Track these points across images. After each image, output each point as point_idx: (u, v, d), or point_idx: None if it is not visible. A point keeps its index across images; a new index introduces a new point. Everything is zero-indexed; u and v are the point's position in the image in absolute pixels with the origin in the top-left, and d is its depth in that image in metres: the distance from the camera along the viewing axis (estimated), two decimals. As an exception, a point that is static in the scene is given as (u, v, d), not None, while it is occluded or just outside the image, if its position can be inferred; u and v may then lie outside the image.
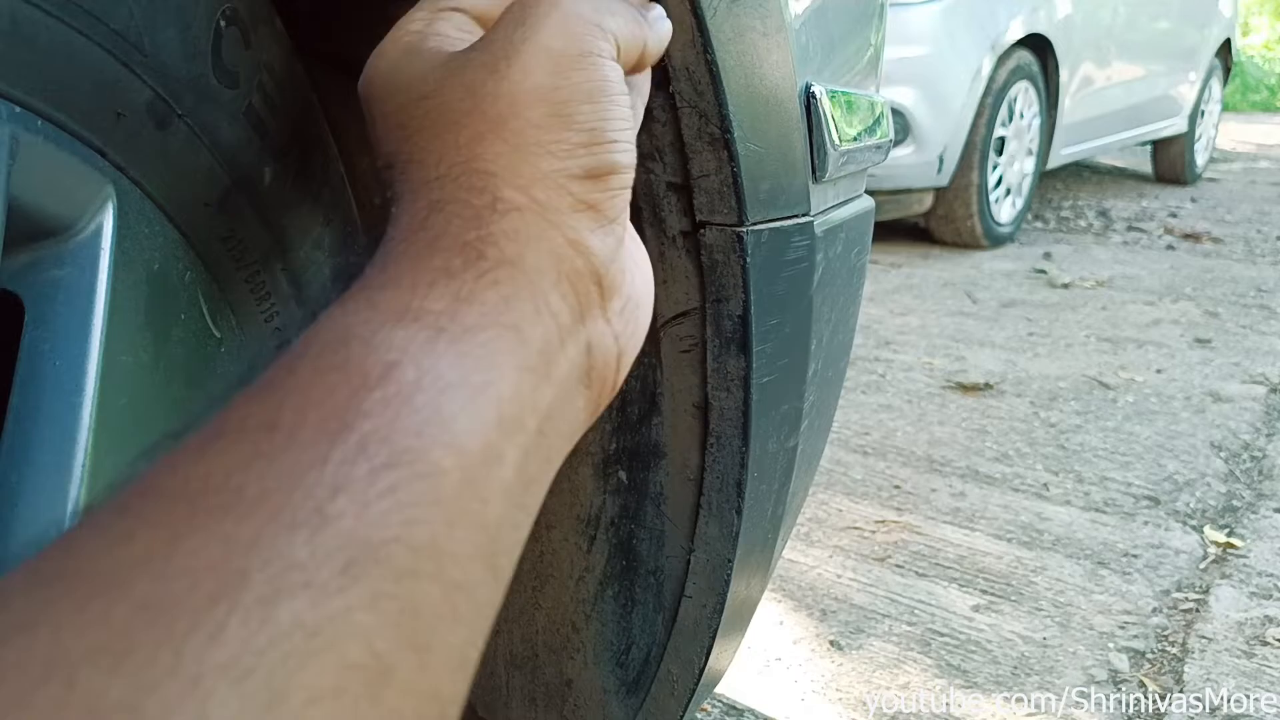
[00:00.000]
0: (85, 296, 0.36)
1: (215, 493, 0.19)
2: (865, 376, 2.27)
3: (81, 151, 0.35)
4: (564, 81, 0.29)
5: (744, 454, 0.52)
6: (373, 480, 0.20)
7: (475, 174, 0.28)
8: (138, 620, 0.17)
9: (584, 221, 0.29)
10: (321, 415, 0.20)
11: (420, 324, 0.23)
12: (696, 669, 0.60)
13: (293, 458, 0.20)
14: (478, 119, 0.28)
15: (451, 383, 0.22)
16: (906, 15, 3.21)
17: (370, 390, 0.21)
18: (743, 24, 0.43)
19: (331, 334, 0.23)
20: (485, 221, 0.27)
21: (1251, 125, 9.05)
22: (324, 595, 0.18)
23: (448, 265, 0.25)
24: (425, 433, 0.21)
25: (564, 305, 0.28)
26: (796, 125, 0.50)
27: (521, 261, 0.26)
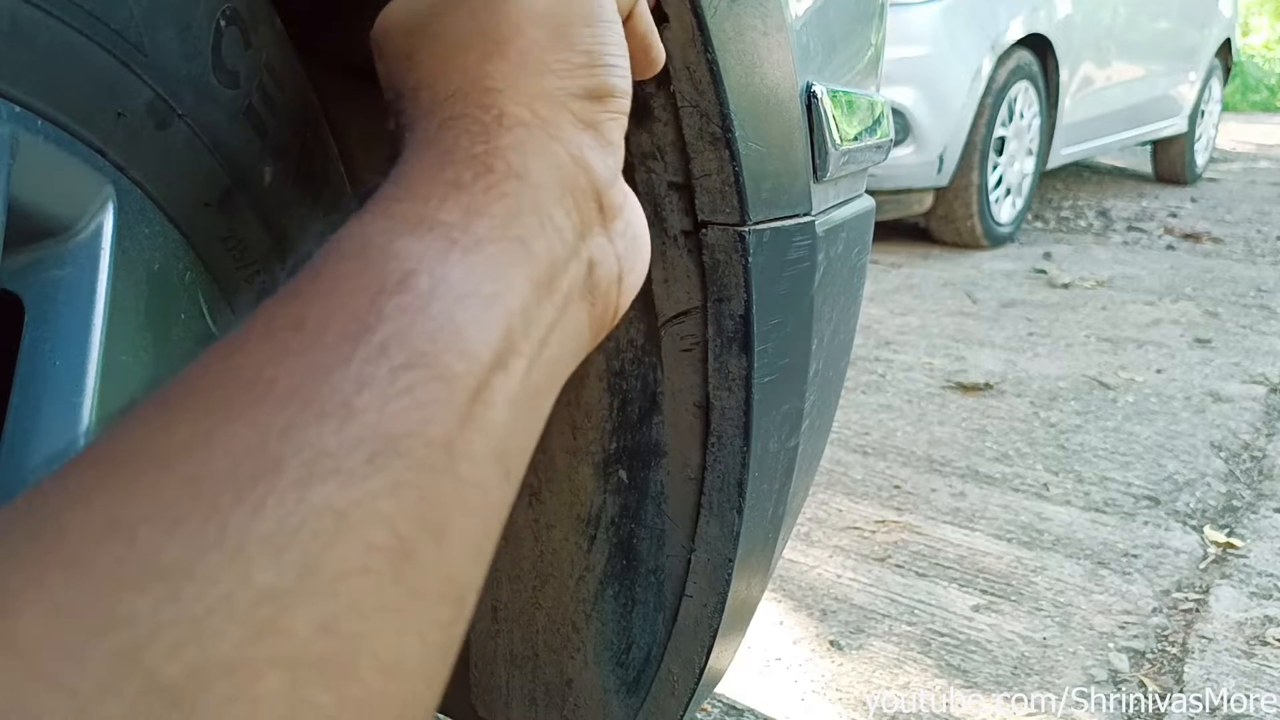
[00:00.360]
0: (85, 296, 0.36)
1: (249, 385, 0.20)
2: (865, 376, 2.27)
3: (81, 151, 0.35)
4: (563, 5, 0.30)
5: (745, 453, 0.52)
6: (393, 379, 0.21)
7: (483, 91, 0.29)
8: (186, 493, 0.18)
9: (585, 139, 0.30)
10: (345, 317, 0.22)
11: (434, 234, 0.24)
12: (697, 669, 0.60)
13: (319, 355, 0.21)
14: (483, 40, 0.30)
15: (463, 293, 0.24)
16: (906, 15, 3.21)
17: (389, 296, 0.22)
18: (743, 23, 0.43)
19: (351, 242, 0.24)
20: (492, 135, 0.28)
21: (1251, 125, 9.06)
22: (351, 481, 0.19)
23: (458, 178, 0.26)
24: (439, 338, 0.22)
25: (567, 220, 0.29)
26: (797, 125, 0.50)
27: (527, 175, 0.27)
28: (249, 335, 0.22)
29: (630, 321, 0.54)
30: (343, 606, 0.19)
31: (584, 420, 0.58)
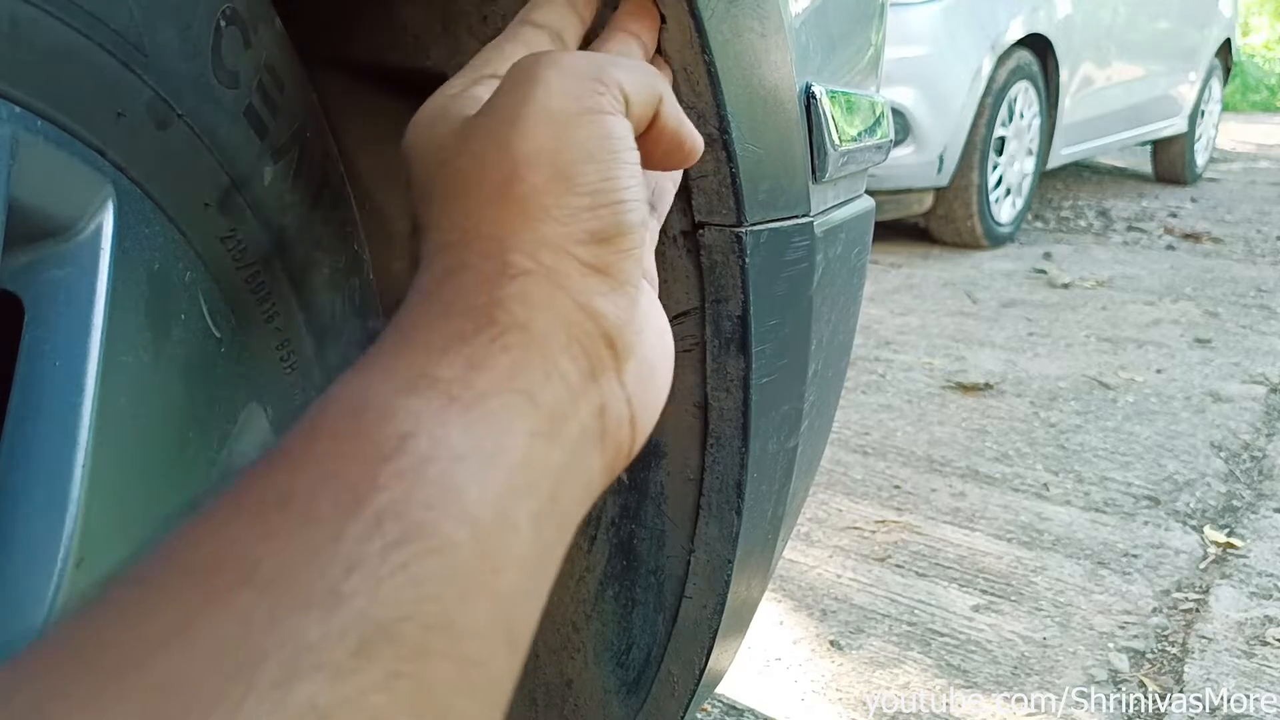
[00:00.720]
0: (85, 296, 0.36)
1: (232, 569, 0.19)
2: (865, 376, 2.27)
3: (81, 151, 0.35)
4: (565, 142, 0.29)
5: (744, 454, 0.52)
6: (385, 557, 0.20)
7: (485, 239, 0.28)
8: (155, 701, 0.17)
9: (593, 285, 0.29)
10: (336, 489, 0.21)
11: (434, 391, 0.24)
12: (697, 669, 0.60)
13: (307, 534, 0.20)
14: (485, 185, 0.29)
15: (462, 452, 0.23)
16: (906, 15, 3.21)
17: (385, 462, 0.21)
18: (741, 24, 0.43)
19: (348, 400, 0.23)
20: (495, 286, 0.27)
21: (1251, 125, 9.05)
22: (338, 677, 0.18)
23: (460, 330, 0.25)
24: (437, 505, 0.21)
25: (573, 368, 0.28)
26: (796, 125, 0.50)
27: (531, 325, 0.27)
28: (235, 507, 0.21)
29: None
30: None
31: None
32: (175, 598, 0.19)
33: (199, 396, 0.43)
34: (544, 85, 0.29)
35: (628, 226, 0.30)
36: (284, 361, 0.52)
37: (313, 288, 0.53)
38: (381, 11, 0.50)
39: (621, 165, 0.30)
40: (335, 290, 0.55)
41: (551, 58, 0.31)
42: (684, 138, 0.35)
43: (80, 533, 0.35)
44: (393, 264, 0.61)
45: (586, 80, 0.30)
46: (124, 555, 0.39)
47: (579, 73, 0.30)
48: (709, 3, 0.40)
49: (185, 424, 0.42)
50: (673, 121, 0.34)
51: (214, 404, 0.45)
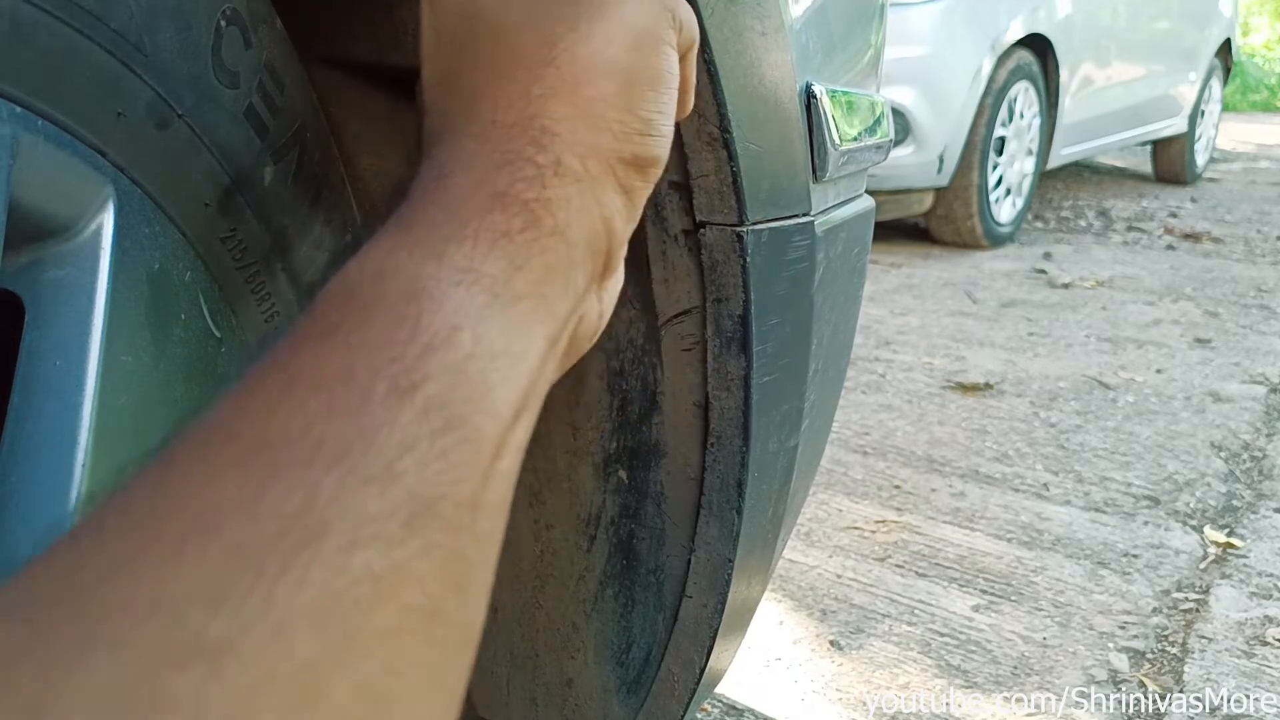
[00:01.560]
0: (85, 296, 0.36)
1: (297, 442, 0.20)
2: (865, 376, 2.27)
3: (82, 151, 0.35)
4: (638, 61, 0.30)
5: (744, 454, 0.52)
6: (432, 442, 0.22)
7: (541, 130, 0.28)
8: (231, 563, 0.18)
9: (618, 203, 0.30)
10: (393, 372, 0.22)
11: (479, 286, 0.25)
12: (697, 669, 0.60)
13: (368, 415, 0.21)
14: (552, 75, 0.29)
15: (497, 351, 0.25)
16: (906, 15, 3.21)
17: (435, 352, 0.23)
18: (741, 23, 0.43)
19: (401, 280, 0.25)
20: (546, 184, 0.28)
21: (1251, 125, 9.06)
22: (390, 546, 0.20)
23: (508, 226, 0.27)
24: (473, 400, 0.23)
25: (582, 280, 0.29)
26: (796, 125, 0.50)
27: (568, 232, 0.28)
28: (295, 379, 0.22)
29: (630, 321, 0.54)
30: (379, 669, 0.19)
31: (584, 420, 0.58)
32: (243, 466, 0.20)
33: (199, 396, 0.43)
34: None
35: (661, 159, 0.32)
36: (284, 361, 0.52)
37: (313, 288, 0.53)
38: (381, 11, 0.50)
39: (672, 99, 0.31)
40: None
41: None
42: (690, 89, 0.36)
43: (80, 532, 0.35)
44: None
45: (664, 6, 0.31)
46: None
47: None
48: (709, 2, 0.40)
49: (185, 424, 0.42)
50: (691, 70, 0.35)
51: (214, 404, 0.45)
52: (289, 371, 0.22)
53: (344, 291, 0.25)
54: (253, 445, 0.20)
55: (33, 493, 0.35)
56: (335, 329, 0.23)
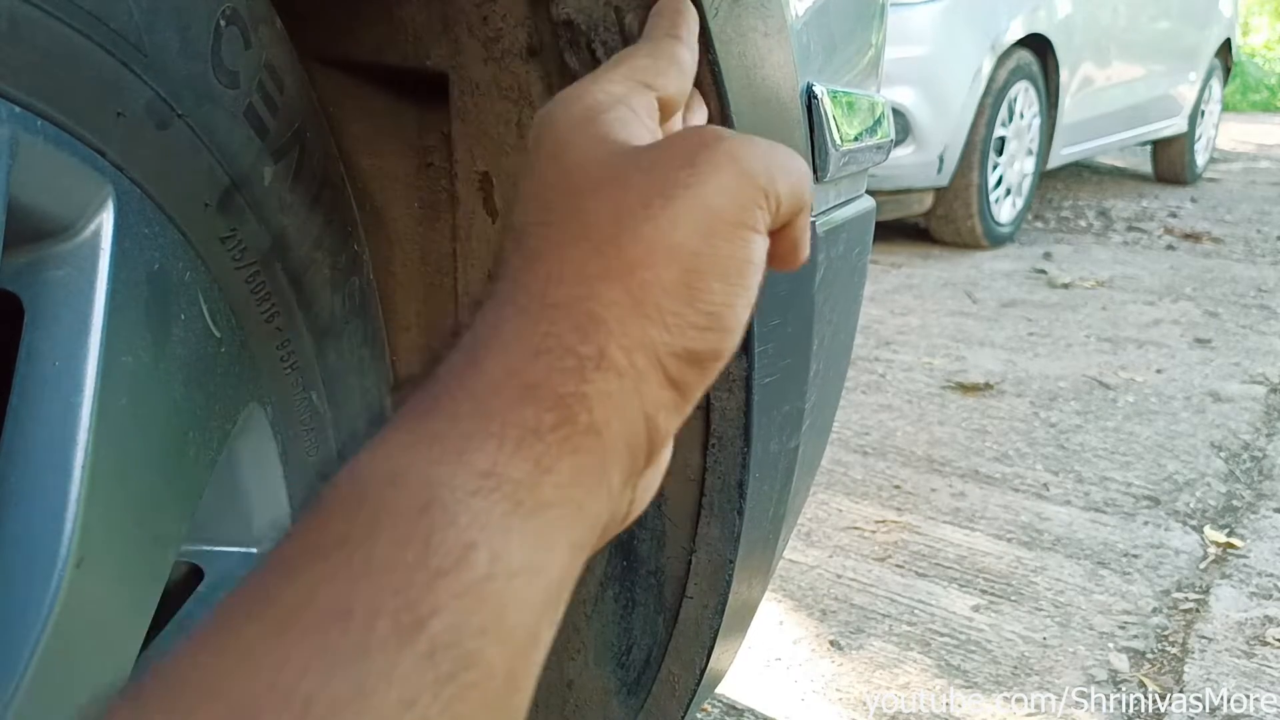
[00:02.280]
0: (85, 296, 0.36)
1: (282, 706, 0.18)
2: (865, 376, 2.27)
3: (81, 151, 0.35)
4: (707, 249, 0.27)
5: (746, 455, 0.52)
6: (437, 693, 0.20)
7: (588, 316, 0.26)
8: None
9: (665, 399, 0.27)
10: (396, 608, 0.20)
11: (499, 494, 0.23)
12: (697, 669, 0.60)
13: (364, 668, 0.19)
14: (611, 253, 0.27)
15: (516, 569, 0.22)
16: (906, 15, 3.21)
17: (445, 577, 0.21)
18: (745, 24, 0.43)
19: (413, 488, 0.22)
20: (585, 377, 0.25)
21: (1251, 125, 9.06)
22: None
23: (538, 423, 0.24)
24: (487, 630, 0.21)
25: (619, 480, 0.26)
26: (798, 125, 0.50)
27: (605, 431, 0.25)
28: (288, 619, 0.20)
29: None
30: None
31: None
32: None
33: (199, 396, 0.43)
34: (716, 177, 0.28)
35: (724, 354, 0.28)
36: (284, 361, 0.52)
37: (313, 288, 0.53)
38: (381, 11, 0.50)
39: (747, 293, 0.28)
40: (335, 290, 0.55)
41: (735, 146, 0.28)
42: (800, 247, 0.33)
43: (80, 533, 0.35)
44: (393, 264, 0.61)
45: (756, 188, 0.28)
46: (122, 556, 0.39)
47: (753, 176, 0.28)
48: (713, 3, 0.40)
49: (185, 424, 0.42)
50: (801, 233, 0.32)
51: (214, 404, 0.45)
52: (282, 606, 0.20)
53: (351, 495, 0.22)
54: (234, 708, 0.18)
55: (33, 493, 0.35)
56: (339, 546, 0.21)
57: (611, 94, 0.31)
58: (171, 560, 0.43)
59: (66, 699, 0.36)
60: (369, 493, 0.22)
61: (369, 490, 0.22)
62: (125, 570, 0.39)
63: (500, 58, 0.48)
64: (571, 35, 0.44)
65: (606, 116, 0.30)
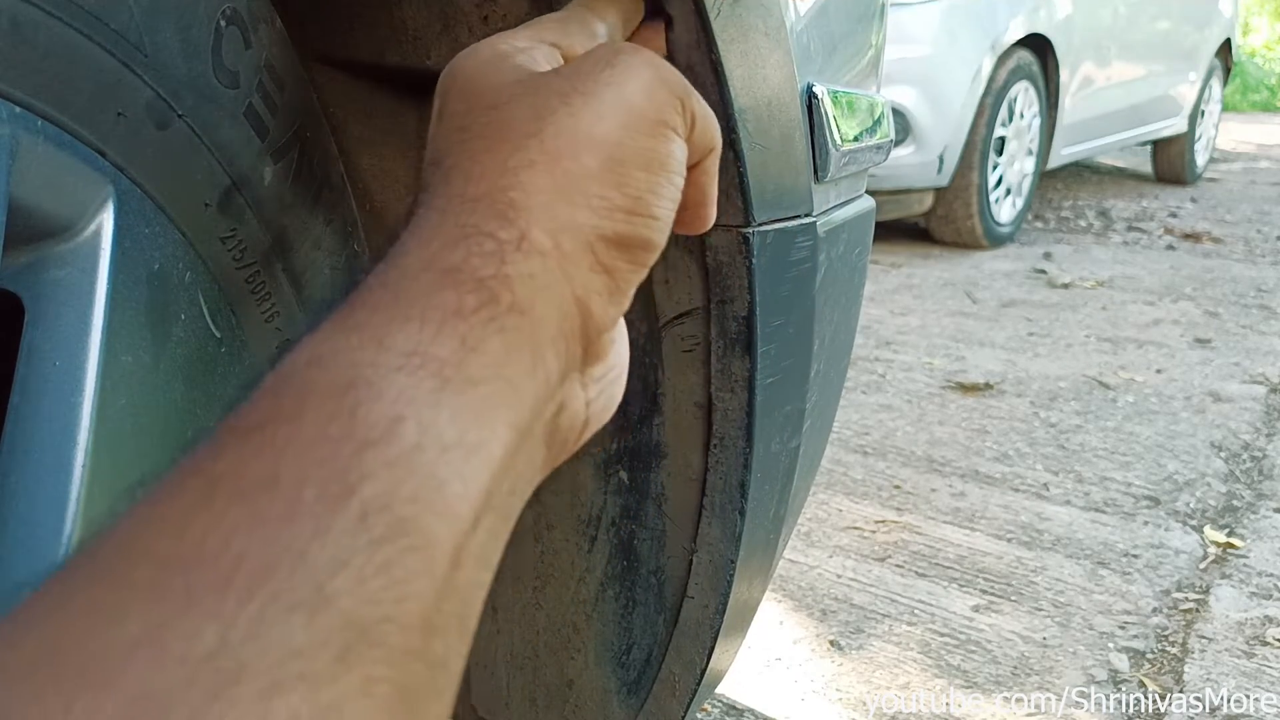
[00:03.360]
0: (85, 296, 0.36)
1: (212, 564, 0.18)
2: (865, 376, 2.27)
3: (81, 151, 0.35)
4: (630, 140, 0.28)
5: (747, 455, 0.52)
6: (370, 555, 0.19)
7: (509, 204, 0.27)
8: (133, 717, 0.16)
9: (596, 283, 0.28)
10: (324, 476, 0.20)
11: (425, 370, 0.23)
12: (698, 669, 0.60)
13: (295, 526, 0.19)
14: (534, 145, 0.28)
15: (449, 443, 0.22)
16: (906, 15, 3.21)
17: (373, 446, 0.21)
18: (747, 23, 0.43)
19: (335, 370, 0.22)
20: (506, 260, 0.26)
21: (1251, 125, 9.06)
22: (319, 684, 0.17)
23: (460, 304, 0.24)
24: (420, 498, 0.21)
25: (555, 363, 0.27)
26: (799, 125, 0.50)
27: (531, 310, 0.26)
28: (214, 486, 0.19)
29: (631, 323, 0.53)
30: None
31: (584, 421, 0.58)
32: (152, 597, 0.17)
33: (199, 396, 0.43)
34: (636, 78, 0.29)
35: (652, 243, 0.30)
36: (284, 362, 0.52)
37: (313, 288, 0.53)
38: (381, 11, 0.50)
39: (669, 184, 0.30)
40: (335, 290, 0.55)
41: (651, 57, 0.30)
42: (708, 201, 0.34)
43: (80, 532, 0.35)
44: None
45: (672, 93, 0.30)
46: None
47: (670, 85, 0.30)
48: (715, 3, 0.40)
49: (185, 424, 0.42)
50: (709, 178, 0.34)
51: (214, 404, 0.44)
52: (208, 476, 0.20)
53: (274, 385, 0.22)
54: (162, 568, 0.18)
55: (33, 492, 0.35)
56: (262, 426, 0.21)
57: (516, 45, 0.32)
58: (172, 560, 0.43)
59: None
60: (292, 380, 0.22)
61: (292, 378, 0.22)
62: (125, 570, 0.39)
63: (501, 57, 0.48)
64: (572, 35, 0.44)
65: (515, 58, 0.31)
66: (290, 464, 0.20)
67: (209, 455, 0.20)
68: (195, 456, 0.20)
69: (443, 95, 0.31)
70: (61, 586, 0.18)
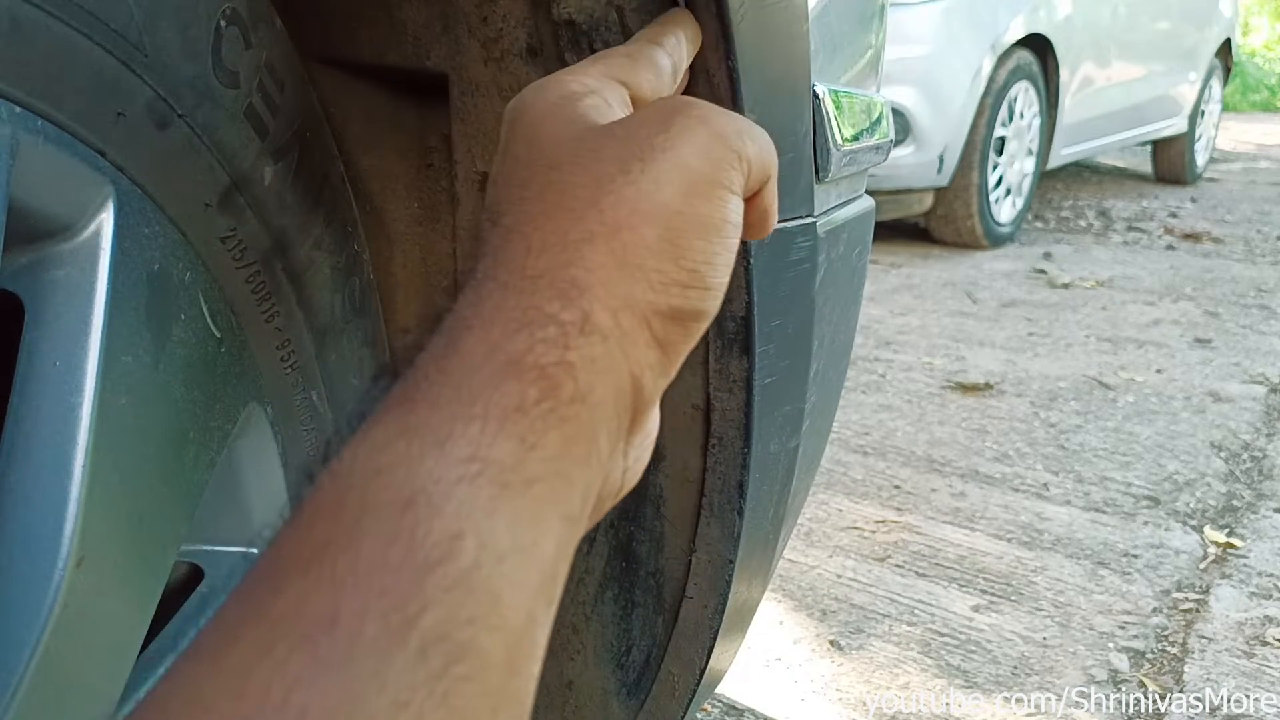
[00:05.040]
0: (85, 296, 0.36)
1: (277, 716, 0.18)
2: (865, 376, 2.27)
3: (81, 151, 0.35)
4: (688, 208, 0.28)
5: (746, 455, 0.52)
6: (430, 690, 0.19)
7: (570, 282, 0.26)
8: None
9: (650, 359, 0.28)
10: (384, 608, 0.20)
11: (484, 478, 0.22)
12: (697, 670, 0.60)
13: (354, 672, 0.19)
14: (592, 218, 0.27)
15: (504, 552, 0.22)
16: (906, 15, 3.21)
17: (433, 571, 0.20)
18: (767, 29, 0.43)
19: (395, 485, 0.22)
20: (569, 344, 0.25)
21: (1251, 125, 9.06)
22: None
23: (522, 399, 0.24)
24: (477, 620, 0.20)
25: (608, 445, 0.26)
26: (804, 127, 0.50)
27: (590, 397, 0.25)
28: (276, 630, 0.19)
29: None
30: None
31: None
32: None
33: (199, 396, 0.43)
34: (692, 140, 0.28)
35: (707, 314, 0.29)
36: (284, 361, 0.52)
37: (313, 288, 0.53)
38: (381, 11, 0.50)
39: (725, 250, 0.29)
40: (335, 290, 0.55)
41: (705, 113, 0.29)
42: (770, 215, 0.34)
43: (80, 532, 0.35)
44: (393, 264, 0.61)
45: (729, 150, 0.29)
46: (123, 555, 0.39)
47: (725, 138, 0.29)
48: (739, 8, 0.40)
49: (185, 424, 0.42)
50: (769, 200, 0.33)
51: (214, 404, 0.45)
52: (270, 619, 0.20)
53: (334, 497, 0.22)
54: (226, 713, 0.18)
55: (33, 492, 0.35)
56: (322, 553, 0.20)
57: (586, 85, 0.31)
58: (171, 560, 0.43)
59: (66, 699, 0.36)
60: (351, 494, 0.22)
61: (351, 491, 0.22)
62: (125, 570, 0.39)
63: (500, 58, 0.48)
64: (572, 35, 0.44)
65: (581, 103, 0.30)
66: (349, 599, 0.20)
67: (270, 590, 0.20)
68: (257, 588, 0.20)
69: (509, 128, 0.31)
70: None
